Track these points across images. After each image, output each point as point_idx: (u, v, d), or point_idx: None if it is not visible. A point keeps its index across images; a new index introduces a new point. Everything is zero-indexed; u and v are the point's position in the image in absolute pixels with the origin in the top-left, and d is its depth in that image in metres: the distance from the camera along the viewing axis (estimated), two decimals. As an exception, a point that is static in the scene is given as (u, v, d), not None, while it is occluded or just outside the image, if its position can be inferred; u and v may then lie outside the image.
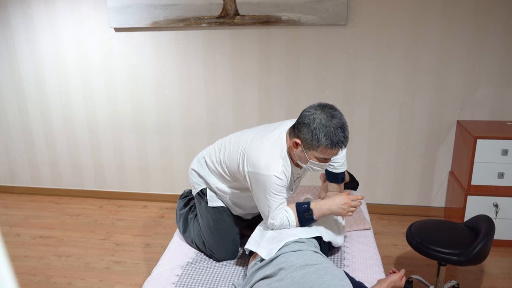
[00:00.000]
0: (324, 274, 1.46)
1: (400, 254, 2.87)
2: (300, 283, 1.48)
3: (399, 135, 3.19)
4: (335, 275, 1.46)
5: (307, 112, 1.71)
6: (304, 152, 1.73)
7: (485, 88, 3.00)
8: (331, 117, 1.67)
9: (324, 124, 1.66)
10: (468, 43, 2.92)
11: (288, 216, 1.83)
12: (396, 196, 3.35)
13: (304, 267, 1.57)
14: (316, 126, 1.66)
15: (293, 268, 1.60)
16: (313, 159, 1.74)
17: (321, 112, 1.69)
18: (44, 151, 3.71)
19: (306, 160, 1.76)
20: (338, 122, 1.67)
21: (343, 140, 1.68)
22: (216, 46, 3.19)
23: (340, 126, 1.67)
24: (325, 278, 1.44)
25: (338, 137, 1.67)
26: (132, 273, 2.70)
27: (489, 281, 2.59)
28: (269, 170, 1.74)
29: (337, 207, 1.82)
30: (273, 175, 1.73)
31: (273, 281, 1.61)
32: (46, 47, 3.40)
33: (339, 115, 1.69)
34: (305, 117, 1.70)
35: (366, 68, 3.07)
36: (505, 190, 2.82)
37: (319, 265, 1.56)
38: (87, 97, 3.47)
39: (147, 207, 3.59)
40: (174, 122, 3.43)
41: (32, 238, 3.14)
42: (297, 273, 1.56)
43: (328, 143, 1.66)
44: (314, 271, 1.51)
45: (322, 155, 1.71)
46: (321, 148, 1.69)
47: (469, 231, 2.19)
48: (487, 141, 2.75)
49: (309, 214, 1.83)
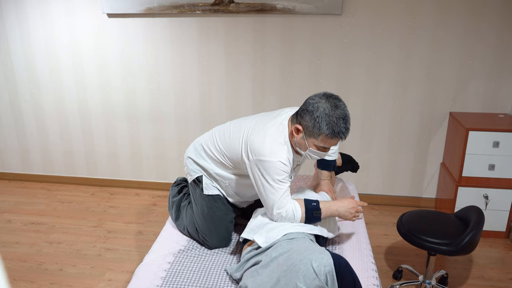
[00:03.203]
0: (305, 251, 1.49)
1: (391, 244, 2.90)
2: (283, 264, 1.50)
3: (392, 126, 3.20)
4: (314, 250, 1.48)
5: (312, 100, 1.73)
6: (305, 139, 1.76)
7: (478, 80, 3.01)
8: (335, 107, 1.69)
9: (328, 114, 1.68)
10: (462, 35, 2.92)
11: (295, 210, 1.80)
12: (387, 187, 3.37)
13: (289, 250, 1.59)
14: (319, 114, 1.68)
15: (281, 253, 1.62)
16: (313, 147, 1.76)
17: (325, 101, 1.71)
18: (35, 137, 3.67)
19: (305, 147, 1.78)
20: (341, 113, 1.69)
21: (344, 131, 1.70)
22: (210, 34, 3.16)
23: (343, 117, 1.69)
24: (305, 254, 1.47)
25: (340, 127, 1.69)
26: (124, 260, 2.70)
27: (477, 271, 2.62)
28: (274, 156, 1.74)
29: (345, 210, 1.85)
30: (278, 161, 1.74)
31: (259, 267, 1.63)
32: (37, 32, 3.34)
33: (342, 106, 1.71)
34: (309, 105, 1.72)
35: (360, 58, 3.06)
36: (495, 182, 2.85)
37: (302, 245, 1.58)
38: (79, 83, 3.44)
39: (140, 195, 3.58)
40: (167, 109, 3.41)
41: (23, 224, 3.12)
42: (281, 257, 1.58)
43: (329, 132, 1.69)
44: (295, 250, 1.53)
45: (322, 143, 1.73)
46: (322, 137, 1.71)
47: (459, 222, 2.22)
48: (479, 133, 2.77)
49: (318, 213, 1.82)
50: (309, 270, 1.41)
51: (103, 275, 2.56)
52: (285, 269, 1.48)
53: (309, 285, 1.39)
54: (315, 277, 1.40)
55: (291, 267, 1.46)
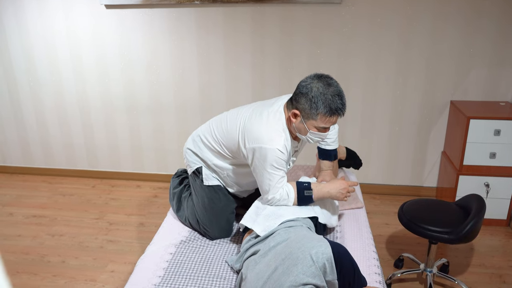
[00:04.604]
0: (302, 239, 1.49)
1: (392, 233, 2.90)
2: (282, 253, 1.50)
3: (392, 116, 3.19)
4: (312, 238, 1.48)
5: (304, 82, 1.75)
6: (304, 122, 1.76)
7: (479, 69, 2.99)
8: (328, 85, 1.71)
9: (322, 92, 1.69)
10: (462, 24, 2.89)
11: (288, 191, 1.85)
12: (388, 176, 3.37)
13: (287, 239, 1.60)
14: (314, 95, 1.69)
15: (279, 242, 1.62)
16: (313, 129, 1.77)
17: (318, 81, 1.72)
18: (35, 130, 3.67)
19: (305, 131, 1.79)
20: (335, 89, 1.71)
21: (341, 107, 1.71)
22: (209, 24, 3.13)
23: (338, 93, 1.71)
24: (303, 242, 1.47)
25: (336, 104, 1.70)
26: (126, 252, 2.71)
27: (478, 259, 2.63)
28: (272, 144, 1.76)
29: (337, 191, 1.87)
30: (276, 149, 1.76)
31: (257, 256, 1.63)
32: (35, 23, 3.32)
33: (335, 84, 1.73)
34: (303, 87, 1.73)
35: (360, 48, 3.04)
36: (496, 170, 2.85)
37: (300, 234, 1.58)
38: (78, 75, 3.42)
39: (141, 187, 3.58)
40: (167, 101, 3.39)
41: (25, 217, 3.13)
42: (280, 246, 1.58)
43: (327, 111, 1.70)
44: (294, 239, 1.53)
45: (322, 124, 1.74)
46: (320, 116, 1.72)
47: (460, 210, 2.22)
48: (480, 121, 2.76)
49: (309, 192, 1.85)
50: (307, 258, 1.41)
51: (105, 266, 2.57)
52: (283, 258, 1.48)
53: (307, 273, 1.39)
54: (312, 264, 1.40)
55: (289, 255, 1.46)
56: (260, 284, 1.48)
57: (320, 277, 1.41)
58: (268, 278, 1.47)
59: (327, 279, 1.43)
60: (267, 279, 1.48)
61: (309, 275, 1.40)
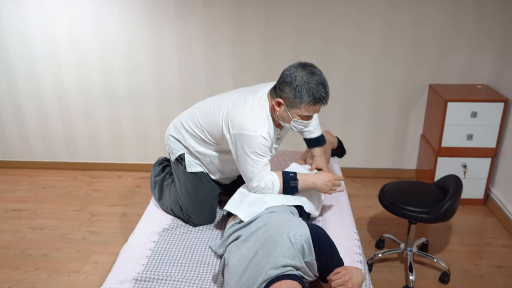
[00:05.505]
0: (282, 222, 1.51)
1: (373, 215, 2.96)
2: (262, 237, 1.52)
3: (373, 100, 3.22)
4: (291, 220, 1.51)
5: (288, 71, 1.75)
6: (287, 111, 1.77)
7: (457, 53, 3.03)
8: (311, 74, 1.72)
9: (306, 81, 1.70)
10: (443, 9, 2.92)
11: (273, 180, 1.85)
12: (369, 160, 3.41)
13: (267, 223, 1.61)
14: (298, 83, 1.70)
15: (259, 227, 1.64)
16: (296, 117, 1.78)
17: (301, 70, 1.72)
18: (11, 121, 3.58)
19: (289, 119, 1.79)
20: (319, 78, 1.72)
21: (324, 96, 1.73)
22: (187, 12, 3.09)
23: (321, 82, 1.72)
24: (282, 225, 1.49)
25: (320, 93, 1.71)
26: (109, 242, 2.70)
27: (456, 237, 2.71)
28: (256, 131, 1.76)
29: (322, 183, 1.88)
30: (260, 135, 1.76)
31: (239, 242, 1.65)
32: (8, 10, 3.22)
33: (319, 72, 1.74)
34: (286, 76, 1.74)
35: (343, 32, 3.05)
36: (473, 151, 2.91)
37: (279, 217, 1.60)
38: (54, 64, 3.34)
39: (122, 177, 3.55)
40: (147, 89, 3.35)
41: (5, 211, 3.08)
42: (260, 230, 1.60)
43: (310, 100, 1.71)
44: (273, 222, 1.55)
45: (306, 112, 1.75)
46: (304, 105, 1.73)
47: (438, 191, 2.27)
48: (457, 103, 2.81)
49: (294, 182, 1.86)
50: (285, 241, 1.43)
51: (88, 258, 2.56)
52: (262, 241, 1.49)
53: (286, 255, 1.41)
54: (291, 246, 1.42)
55: (268, 239, 1.48)
56: (242, 269, 1.50)
57: (299, 258, 1.43)
58: (249, 263, 1.49)
59: (306, 260, 1.45)
60: (248, 263, 1.49)
61: (288, 257, 1.42)
